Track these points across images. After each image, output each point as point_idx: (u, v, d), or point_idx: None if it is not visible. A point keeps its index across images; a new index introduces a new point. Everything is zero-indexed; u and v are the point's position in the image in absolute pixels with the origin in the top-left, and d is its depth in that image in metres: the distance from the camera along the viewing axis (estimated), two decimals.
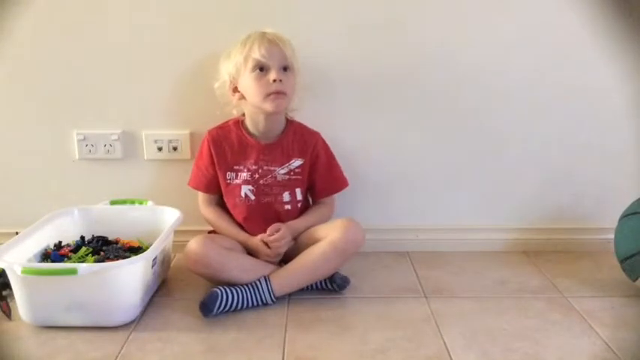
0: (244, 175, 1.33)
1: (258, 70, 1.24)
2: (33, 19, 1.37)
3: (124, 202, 1.44)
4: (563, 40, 1.41)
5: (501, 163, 1.50)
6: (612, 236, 1.32)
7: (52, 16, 1.37)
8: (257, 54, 1.23)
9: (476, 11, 1.39)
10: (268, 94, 1.24)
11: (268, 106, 1.25)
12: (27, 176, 1.48)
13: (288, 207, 1.34)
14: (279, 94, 1.24)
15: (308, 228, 1.32)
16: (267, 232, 1.28)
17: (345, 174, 1.41)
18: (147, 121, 1.46)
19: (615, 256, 1.30)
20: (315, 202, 1.41)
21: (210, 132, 1.35)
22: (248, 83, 1.26)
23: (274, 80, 1.22)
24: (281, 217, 1.34)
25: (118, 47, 1.40)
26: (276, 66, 1.23)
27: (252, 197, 1.33)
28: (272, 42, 1.24)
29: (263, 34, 1.26)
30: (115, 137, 1.46)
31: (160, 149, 1.47)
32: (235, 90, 1.30)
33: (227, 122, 1.36)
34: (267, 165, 1.32)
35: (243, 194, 1.33)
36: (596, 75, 1.43)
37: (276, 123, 1.33)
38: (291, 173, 1.33)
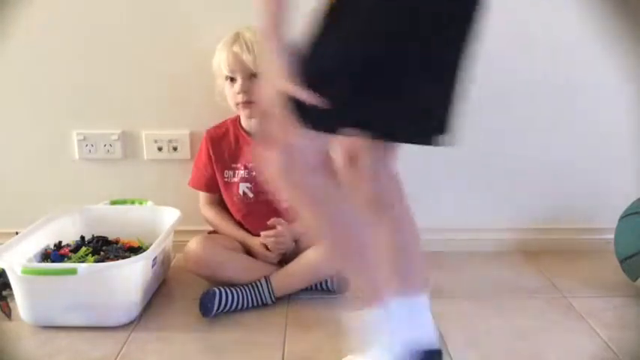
0: (242, 172, 1.33)
1: (229, 80, 1.28)
2: (33, 19, 1.36)
3: (124, 202, 1.44)
4: (565, 40, 1.41)
5: (502, 163, 1.50)
6: (612, 236, 1.32)
7: (52, 17, 1.37)
8: (224, 67, 1.27)
9: None
10: (237, 104, 1.28)
11: (241, 114, 1.32)
12: (27, 176, 1.48)
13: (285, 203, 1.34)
14: (246, 103, 1.27)
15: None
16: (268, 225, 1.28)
17: None
18: (147, 121, 1.46)
19: (615, 256, 1.30)
20: None
21: (208, 131, 1.37)
22: (226, 89, 1.30)
23: (239, 92, 1.26)
24: (280, 214, 1.34)
25: (118, 47, 1.40)
26: (242, 77, 1.26)
27: (251, 195, 1.33)
28: (236, 54, 1.25)
29: (234, 41, 1.27)
30: (115, 137, 1.46)
31: (160, 149, 1.47)
32: None
33: (225, 121, 1.37)
34: None
35: (241, 192, 1.33)
36: (597, 75, 1.43)
37: None
38: None
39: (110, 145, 1.46)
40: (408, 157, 1.49)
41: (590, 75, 1.43)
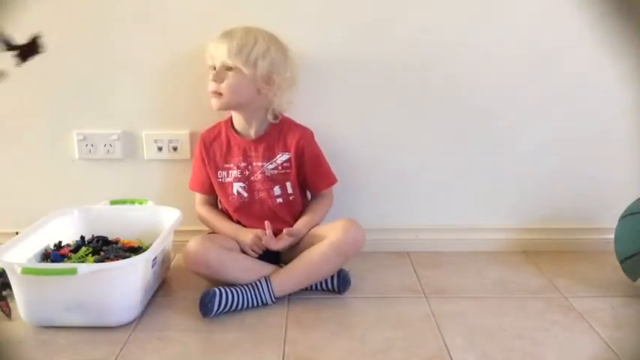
0: (234, 172, 1.34)
1: (212, 69, 1.28)
2: (33, 20, 1.36)
3: (124, 202, 1.44)
4: (564, 39, 1.41)
5: (501, 163, 1.50)
6: (612, 236, 1.32)
7: (52, 17, 1.37)
8: (208, 56, 1.28)
9: (476, 11, 1.39)
10: (210, 92, 1.28)
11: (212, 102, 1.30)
12: (27, 176, 1.48)
13: (279, 200, 1.34)
14: (214, 93, 1.27)
15: (311, 228, 1.33)
16: (285, 232, 1.29)
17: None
18: (147, 121, 1.46)
19: (615, 256, 1.30)
20: (312, 196, 1.43)
21: (202, 134, 1.37)
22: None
23: (212, 80, 1.27)
24: (275, 212, 1.34)
25: (118, 47, 1.40)
26: (218, 64, 1.26)
27: (245, 194, 1.34)
28: (220, 40, 1.26)
29: (223, 33, 1.27)
30: (115, 137, 1.46)
31: (160, 149, 1.47)
32: None
33: (219, 123, 1.38)
34: (255, 161, 1.33)
35: (235, 192, 1.34)
36: (597, 74, 1.43)
37: (254, 119, 1.33)
38: (279, 168, 1.33)
39: (110, 145, 1.46)
40: (409, 157, 1.50)
41: (590, 74, 1.43)
